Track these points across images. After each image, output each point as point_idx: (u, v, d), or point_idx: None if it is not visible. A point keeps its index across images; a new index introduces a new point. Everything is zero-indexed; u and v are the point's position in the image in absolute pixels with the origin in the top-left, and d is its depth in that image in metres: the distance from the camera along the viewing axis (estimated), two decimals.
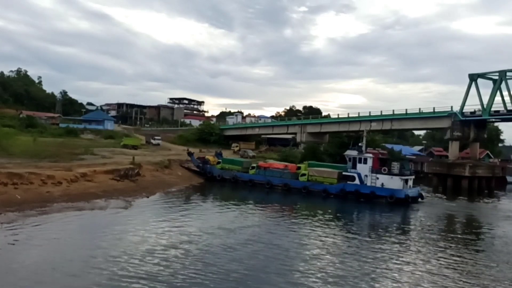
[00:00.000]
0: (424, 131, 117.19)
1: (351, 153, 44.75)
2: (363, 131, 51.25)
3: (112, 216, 27.65)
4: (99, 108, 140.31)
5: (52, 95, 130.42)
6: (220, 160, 54.26)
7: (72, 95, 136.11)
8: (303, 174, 46.15)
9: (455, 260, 21.93)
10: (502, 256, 23.88)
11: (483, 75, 65.96)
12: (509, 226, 34.09)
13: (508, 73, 62.24)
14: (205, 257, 19.65)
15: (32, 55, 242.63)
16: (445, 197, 52.32)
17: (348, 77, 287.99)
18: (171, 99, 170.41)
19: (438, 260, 21.81)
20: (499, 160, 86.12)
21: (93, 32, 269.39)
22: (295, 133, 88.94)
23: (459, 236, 29.41)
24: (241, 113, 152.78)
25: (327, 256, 21.45)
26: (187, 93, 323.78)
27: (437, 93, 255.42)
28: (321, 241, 24.79)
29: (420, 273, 19.44)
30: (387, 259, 21.42)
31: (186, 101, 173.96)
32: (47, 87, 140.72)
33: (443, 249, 24.44)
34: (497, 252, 24.78)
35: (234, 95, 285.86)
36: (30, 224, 23.38)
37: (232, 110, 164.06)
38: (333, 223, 31.22)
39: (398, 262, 21.16)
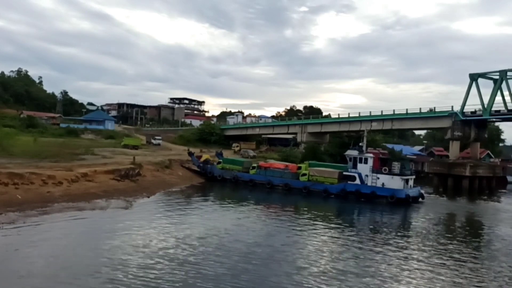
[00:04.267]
0: (425, 131, 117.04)
1: (352, 153, 44.77)
2: (363, 131, 51.20)
3: (113, 216, 27.63)
4: (99, 108, 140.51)
5: (53, 95, 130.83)
6: (221, 160, 54.28)
7: (73, 95, 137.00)
8: (304, 174, 46.14)
9: (456, 261, 21.93)
10: (503, 256, 23.86)
11: (483, 75, 65.95)
12: (509, 226, 34.07)
13: (508, 73, 62.26)
14: (205, 258, 19.63)
15: (33, 55, 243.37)
16: (445, 197, 52.36)
17: (348, 77, 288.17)
18: (171, 99, 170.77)
19: (439, 260, 21.79)
20: (500, 160, 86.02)
21: (94, 32, 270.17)
22: (296, 133, 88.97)
23: (459, 236, 29.39)
24: (242, 113, 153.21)
25: (328, 257, 21.43)
26: (188, 93, 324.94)
27: (437, 93, 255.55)
28: (322, 241, 24.80)
29: (420, 273, 19.42)
30: (388, 260, 21.41)
31: (186, 101, 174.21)
32: (48, 87, 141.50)
33: (444, 249, 24.41)
34: (498, 253, 24.77)
35: (235, 95, 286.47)
36: (31, 224, 23.37)
37: (233, 110, 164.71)
38: (334, 223, 31.16)
39: (398, 262, 21.14)
